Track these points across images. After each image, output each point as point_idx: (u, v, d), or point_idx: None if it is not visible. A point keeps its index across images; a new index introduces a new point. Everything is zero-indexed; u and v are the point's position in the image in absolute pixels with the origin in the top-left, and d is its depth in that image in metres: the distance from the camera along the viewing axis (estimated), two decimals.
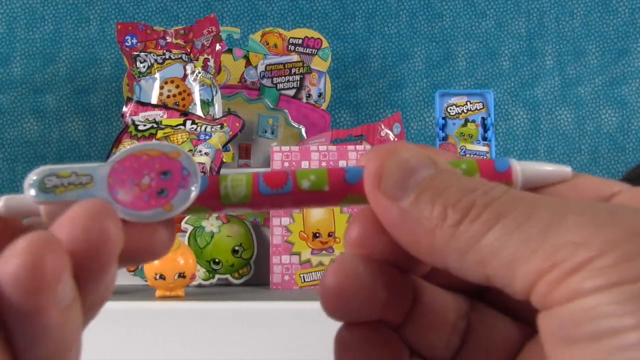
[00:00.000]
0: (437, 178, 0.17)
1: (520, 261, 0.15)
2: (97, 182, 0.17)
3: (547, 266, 0.15)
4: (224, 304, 0.56)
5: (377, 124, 0.82)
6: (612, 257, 0.14)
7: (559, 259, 0.14)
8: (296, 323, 0.55)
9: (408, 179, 0.17)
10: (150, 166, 0.18)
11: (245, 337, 0.54)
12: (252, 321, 0.54)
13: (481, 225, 0.16)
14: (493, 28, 1.10)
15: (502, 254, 0.15)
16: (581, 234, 0.15)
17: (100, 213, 0.16)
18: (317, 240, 0.68)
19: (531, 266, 0.15)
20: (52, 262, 0.15)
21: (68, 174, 0.18)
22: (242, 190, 0.18)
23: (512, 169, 0.19)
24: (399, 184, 0.17)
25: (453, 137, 0.87)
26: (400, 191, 0.17)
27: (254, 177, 0.18)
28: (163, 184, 0.18)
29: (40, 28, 1.09)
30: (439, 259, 0.17)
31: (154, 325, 0.54)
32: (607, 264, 0.14)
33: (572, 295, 0.14)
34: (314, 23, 1.10)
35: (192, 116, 0.80)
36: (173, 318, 0.55)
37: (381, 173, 0.17)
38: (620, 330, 0.13)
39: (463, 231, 0.16)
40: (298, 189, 0.18)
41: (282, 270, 0.68)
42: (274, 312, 0.55)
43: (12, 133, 1.07)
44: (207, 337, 0.54)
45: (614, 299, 0.14)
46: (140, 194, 0.17)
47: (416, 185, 0.17)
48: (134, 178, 0.18)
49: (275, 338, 0.54)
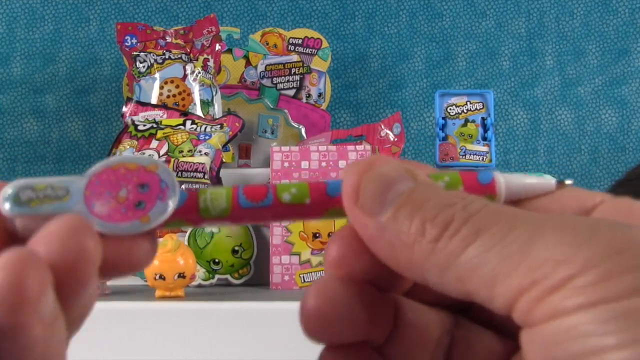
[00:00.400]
0: (415, 192, 0.17)
1: (500, 278, 0.15)
2: (73, 195, 0.17)
3: (528, 283, 0.14)
4: (223, 304, 0.56)
5: (377, 124, 0.82)
6: (592, 275, 0.14)
7: (540, 276, 0.14)
8: (296, 323, 0.55)
9: (386, 194, 0.17)
10: (127, 179, 0.18)
11: (245, 337, 0.54)
12: (252, 321, 0.54)
13: (460, 241, 0.15)
14: (493, 28, 1.10)
15: (482, 271, 0.15)
16: (561, 251, 0.14)
17: (77, 229, 0.16)
18: (317, 240, 0.68)
19: (512, 283, 0.15)
20: (34, 278, 0.15)
21: (44, 187, 0.17)
22: (222, 203, 0.18)
23: (495, 181, 0.19)
24: (376, 199, 0.17)
25: (453, 137, 0.87)
26: (378, 206, 0.17)
27: (233, 191, 0.18)
28: (141, 196, 0.18)
29: (40, 28, 1.08)
30: (419, 274, 0.16)
31: (154, 325, 0.54)
32: (588, 282, 0.14)
33: (553, 313, 0.14)
34: (314, 23, 1.10)
35: (192, 116, 0.80)
36: (173, 318, 0.55)
37: (359, 188, 0.17)
38: (601, 350, 0.13)
39: (442, 247, 0.16)
40: (279, 201, 0.18)
41: (282, 270, 0.68)
42: (273, 312, 0.55)
43: (12, 133, 1.07)
44: (207, 337, 0.54)
45: (595, 318, 0.14)
46: (117, 206, 0.17)
47: (394, 200, 0.16)
48: (111, 191, 0.17)
49: (275, 338, 0.54)
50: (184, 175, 0.74)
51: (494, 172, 0.19)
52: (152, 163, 0.18)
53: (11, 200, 0.17)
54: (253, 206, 0.18)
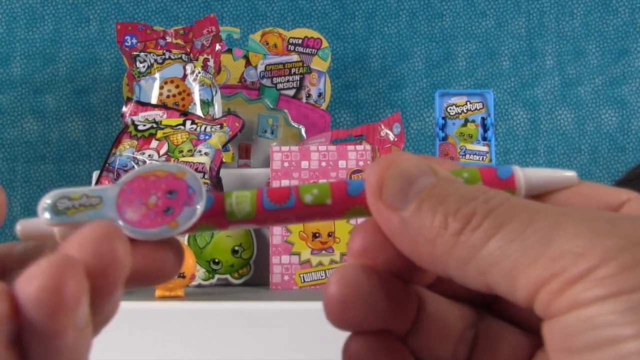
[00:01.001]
0: (437, 187, 0.17)
1: (521, 270, 0.15)
2: (106, 203, 0.18)
3: (548, 276, 0.15)
4: (223, 304, 0.56)
5: (377, 124, 0.82)
6: (611, 267, 0.14)
7: (559, 269, 0.15)
8: (296, 323, 0.55)
9: (409, 189, 0.17)
10: (157, 186, 0.18)
11: (245, 337, 0.54)
12: (252, 321, 0.54)
13: (482, 234, 0.16)
14: (493, 28, 1.10)
15: (503, 263, 0.15)
16: (581, 243, 0.15)
17: (108, 235, 0.16)
18: (316, 240, 0.68)
19: (532, 276, 0.15)
20: (73, 285, 0.15)
21: (79, 196, 0.18)
22: (247, 206, 0.18)
23: (515, 176, 0.19)
24: (399, 194, 0.17)
25: (453, 137, 0.87)
26: (401, 201, 0.17)
27: (257, 193, 0.19)
28: (169, 202, 0.18)
29: (40, 28, 1.09)
30: (441, 267, 0.17)
31: (154, 325, 0.54)
32: (607, 274, 0.14)
33: (573, 305, 0.14)
34: (314, 23, 1.10)
35: (192, 116, 0.80)
36: (173, 318, 0.55)
37: (382, 183, 0.17)
38: (618, 340, 0.13)
39: (464, 240, 0.16)
40: (301, 203, 0.18)
41: (281, 270, 0.68)
42: (273, 312, 0.55)
43: (12, 133, 1.07)
44: (207, 337, 0.54)
45: (613, 309, 0.14)
46: (147, 212, 0.18)
47: (417, 195, 0.17)
48: (141, 198, 0.18)
49: (275, 338, 0.54)
50: None
51: (513, 167, 0.19)
52: (180, 170, 0.19)
53: (50, 210, 0.18)
54: (276, 208, 0.18)
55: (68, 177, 1.06)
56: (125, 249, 0.16)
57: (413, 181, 0.17)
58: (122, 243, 0.16)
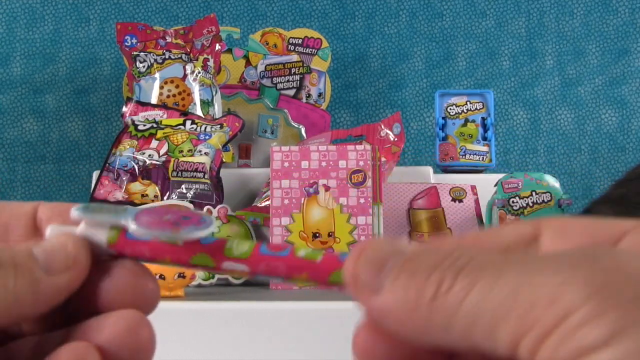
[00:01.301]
0: (406, 263, 0.17)
1: (499, 325, 0.15)
2: (128, 214, 0.20)
3: (523, 329, 0.15)
4: (224, 304, 0.56)
5: (377, 124, 0.82)
6: (582, 313, 0.14)
7: (532, 320, 0.15)
8: (296, 323, 0.55)
9: (380, 272, 0.18)
10: (175, 212, 0.21)
11: (245, 337, 0.54)
12: (252, 321, 0.55)
13: (455, 295, 0.16)
14: (493, 28, 1.10)
15: (481, 321, 0.16)
16: (548, 291, 0.15)
17: (134, 326, 0.19)
18: (317, 240, 0.68)
19: (509, 330, 0.15)
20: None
21: (109, 207, 0.21)
22: (245, 246, 0.20)
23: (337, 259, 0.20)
24: (373, 279, 0.18)
25: (453, 137, 0.87)
26: (376, 285, 0.17)
27: (258, 242, 0.20)
28: (181, 221, 0.20)
29: (40, 28, 1.09)
30: (430, 339, 0.17)
31: (154, 325, 0.54)
32: (575, 325, 0.14)
33: (553, 357, 0.14)
34: (314, 23, 1.10)
35: (192, 116, 0.80)
36: (173, 318, 0.55)
37: (356, 274, 0.18)
38: None
39: (440, 304, 0.16)
40: (294, 255, 0.20)
41: None
42: (273, 312, 0.55)
43: (12, 133, 1.07)
44: (207, 337, 0.54)
45: None
46: (158, 221, 0.20)
47: (388, 275, 0.17)
48: (159, 214, 0.20)
49: (275, 338, 0.54)
50: (184, 175, 0.74)
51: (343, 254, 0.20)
52: (201, 212, 0.21)
53: (81, 208, 0.20)
54: (270, 254, 0.20)
55: (68, 177, 1.06)
56: (151, 336, 0.19)
57: (383, 264, 0.18)
58: (148, 330, 0.19)
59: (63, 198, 1.06)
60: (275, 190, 0.68)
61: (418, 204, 0.73)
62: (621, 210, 0.63)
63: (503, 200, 0.68)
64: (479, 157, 0.87)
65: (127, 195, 0.75)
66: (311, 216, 0.68)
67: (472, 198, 0.73)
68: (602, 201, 0.67)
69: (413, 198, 0.73)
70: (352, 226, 0.68)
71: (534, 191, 0.68)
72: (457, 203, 0.73)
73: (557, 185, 0.68)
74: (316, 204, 0.68)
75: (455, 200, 0.73)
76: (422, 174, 0.82)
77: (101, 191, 0.75)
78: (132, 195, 0.75)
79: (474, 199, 0.73)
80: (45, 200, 1.05)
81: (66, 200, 1.06)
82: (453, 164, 0.87)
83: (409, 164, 1.07)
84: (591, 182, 1.08)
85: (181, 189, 0.73)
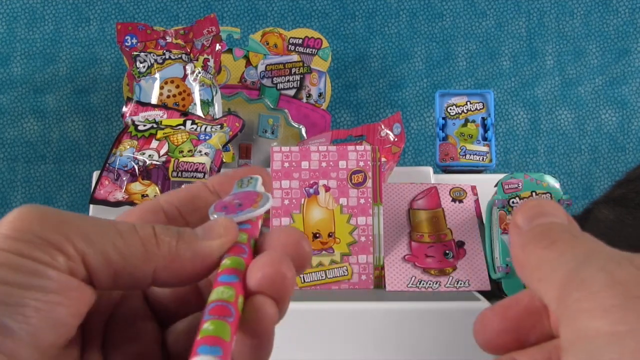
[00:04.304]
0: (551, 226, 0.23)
1: None
2: None
3: None
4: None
5: (377, 124, 0.82)
6: None
7: None
8: (296, 323, 0.55)
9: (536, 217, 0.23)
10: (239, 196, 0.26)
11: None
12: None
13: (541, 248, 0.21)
14: (493, 28, 1.10)
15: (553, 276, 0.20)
16: None
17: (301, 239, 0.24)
18: (317, 240, 0.68)
19: None
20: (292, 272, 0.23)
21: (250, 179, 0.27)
22: None
23: None
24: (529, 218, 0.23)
25: (453, 137, 0.87)
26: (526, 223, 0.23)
27: None
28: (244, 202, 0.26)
29: (40, 28, 1.09)
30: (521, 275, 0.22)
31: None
32: None
33: None
34: (314, 23, 1.10)
35: (192, 116, 0.80)
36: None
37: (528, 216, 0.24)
38: None
39: None
40: None
41: None
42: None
43: (12, 133, 1.07)
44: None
45: None
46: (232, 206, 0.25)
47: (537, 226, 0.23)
48: (225, 203, 0.26)
49: (275, 338, 0.54)
50: (184, 176, 0.74)
51: None
52: None
53: None
54: None
55: (68, 177, 1.06)
56: None
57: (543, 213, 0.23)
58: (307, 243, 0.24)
59: (63, 198, 1.06)
60: (275, 191, 0.68)
61: (418, 204, 0.73)
62: (621, 210, 0.63)
63: (503, 200, 0.68)
64: (479, 157, 0.87)
65: (127, 196, 0.75)
66: (311, 216, 0.68)
67: (472, 198, 0.73)
68: (602, 201, 0.67)
69: (413, 198, 0.73)
70: (353, 226, 0.68)
71: (534, 192, 0.68)
72: (457, 203, 0.73)
73: (557, 186, 0.68)
74: (316, 205, 0.69)
75: (456, 201, 0.73)
76: (422, 174, 0.82)
77: (101, 191, 0.75)
78: (133, 195, 0.75)
79: (474, 199, 0.73)
80: (45, 200, 1.05)
81: (66, 201, 1.06)
82: (453, 164, 0.87)
83: (409, 164, 1.07)
84: (591, 182, 1.08)
85: None
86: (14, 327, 0.18)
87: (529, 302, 0.23)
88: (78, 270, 0.21)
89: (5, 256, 0.20)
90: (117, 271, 0.21)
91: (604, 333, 0.17)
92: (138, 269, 0.22)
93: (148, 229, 0.22)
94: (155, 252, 0.22)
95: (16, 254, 0.20)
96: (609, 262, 0.19)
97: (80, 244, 0.21)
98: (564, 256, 0.20)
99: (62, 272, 0.20)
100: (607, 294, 0.18)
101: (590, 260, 0.19)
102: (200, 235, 0.23)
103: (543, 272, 0.20)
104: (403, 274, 0.67)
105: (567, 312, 0.19)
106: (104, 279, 0.21)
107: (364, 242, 0.68)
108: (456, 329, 0.57)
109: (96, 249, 0.21)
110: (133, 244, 0.22)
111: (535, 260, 0.21)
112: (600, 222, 0.64)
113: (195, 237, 0.23)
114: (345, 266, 0.67)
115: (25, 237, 0.20)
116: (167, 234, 0.23)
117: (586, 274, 0.19)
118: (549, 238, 0.21)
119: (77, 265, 0.21)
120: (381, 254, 0.68)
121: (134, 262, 0.21)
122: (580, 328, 0.18)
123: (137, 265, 0.22)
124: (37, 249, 0.20)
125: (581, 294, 0.18)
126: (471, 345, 0.24)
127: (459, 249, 0.69)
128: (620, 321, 0.17)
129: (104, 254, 0.21)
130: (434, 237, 0.70)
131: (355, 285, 0.67)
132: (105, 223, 0.22)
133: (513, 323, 0.23)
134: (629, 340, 0.17)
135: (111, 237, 0.21)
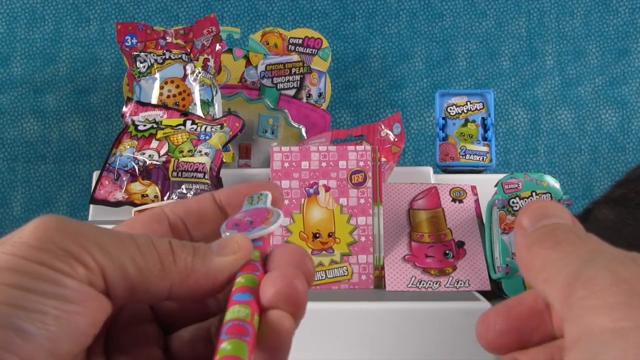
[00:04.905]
0: (557, 227, 0.23)
1: None
2: None
3: None
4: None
5: (377, 124, 0.82)
6: None
7: None
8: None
9: (541, 218, 0.23)
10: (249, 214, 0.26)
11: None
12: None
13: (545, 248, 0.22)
14: (493, 28, 1.10)
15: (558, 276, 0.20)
16: None
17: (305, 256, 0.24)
18: (317, 240, 0.68)
19: None
20: (304, 286, 0.23)
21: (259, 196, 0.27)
22: None
23: None
24: (535, 219, 0.23)
25: (453, 137, 0.87)
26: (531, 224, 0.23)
27: None
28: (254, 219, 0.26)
29: (40, 28, 1.09)
30: (528, 276, 0.23)
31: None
32: None
33: None
34: (314, 23, 1.10)
35: (192, 116, 0.80)
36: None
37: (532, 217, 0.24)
38: None
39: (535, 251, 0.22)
40: None
41: None
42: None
43: (12, 133, 1.07)
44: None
45: None
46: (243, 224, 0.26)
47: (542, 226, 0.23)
48: (237, 220, 0.26)
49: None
50: (184, 176, 0.74)
51: None
52: None
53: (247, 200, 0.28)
54: None
55: (68, 177, 1.06)
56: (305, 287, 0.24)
57: (547, 215, 0.23)
58: None
59: (63, 198, 1.06)
60: None
61: (418, 204, 0.73)
62: (621, 210, 0.63)
63: (503, 200, 0.68)
64: (479, 157, 0.87)
65: (127, 196, 0.75)
66: (311, 217, 0.68)
67: (473, 198, 0.73)
68: (602, 201, 0.67)
69: (413, 198, 0.73)
70: (353, 226, 0.68)
71: (534, 192, 0.68)
72: (457, 203, 0.73)
73: (557, 186, 0.68)
74: (316, 205, 0.69)
75: (456, 201, 0.73)
76: (422, 174, 0.82)
77: (101, 191, 0.75)
78: (133, 195, 0.75)
79: (474, 199, 0.73)
80: (45, 200, 1.05)
81: (66, 201, 1.06)
82: (453, 164, 0.87)
83: (409, 164, 1.07)
84: (591, 182, 1.08)
85: (181, 189, 0.73)
86: (34, 332, 0.19)
87: (532, 303, 0.23)
88: (97, 281, 0.21)
89: (27, 265, 0.20)
90: (134, 285, 0.22)
91: (608, 330, 0.17)
92: (154, 285, 0.22)
93: (165, 245, 0.23)
94: (172, 269, 0.22)
95: (38, 262, 0.20)
96: (613, 261, 0.19)
97: (99, 256, 0.21)
98: (569, 256, 0.21)
99: (82, 282, 0.20)
100: (612, 292, 0.18)
101: (595, 259, 0.20)
102: (215, 251, 0.23)
103: (548, 272, 0.21)
104: (403, 274, 0.67)
105: (572, 310, 0.19)
106: (120, 293, 0.21)
107: (364, 242, 0.68)
108: (456, 329, 0.57)
109: (114, 262, 0.21)
110: (151, 260, 0.22)
111: (541, 261, 0.21)
112: (600, 222, 0.64)
113: (210, 253, 0.23)
114: (345, 266, 0.67)
115: (46, 247, 0.20)
116: (184, 251, 0.23)
117: (591, 272, 0.19)
118: (554, 239, 0.22)
119: (96, 277, 0.21)
120: (381, 254, 0.68)
121: (150, 278, 0.22)
122: (584, 325, 0.18)
123: (154, 281, 0.22)
124: (58, 259, 0.20)
125: (586, 292, 0.19)
126: (471, 345, 0.24)
127: (459, 249, 0.69)
128: (625, 318, 0.17)
129: (122, 268, 0.21)
130: (434, 237, 0.70)
131: (355, 285, 0.67)
132: (123, 236, 0.22)
133: (516, 323, 0.23)
134: (632, 336, 0.17)
135: (130, 252, 0.22)
